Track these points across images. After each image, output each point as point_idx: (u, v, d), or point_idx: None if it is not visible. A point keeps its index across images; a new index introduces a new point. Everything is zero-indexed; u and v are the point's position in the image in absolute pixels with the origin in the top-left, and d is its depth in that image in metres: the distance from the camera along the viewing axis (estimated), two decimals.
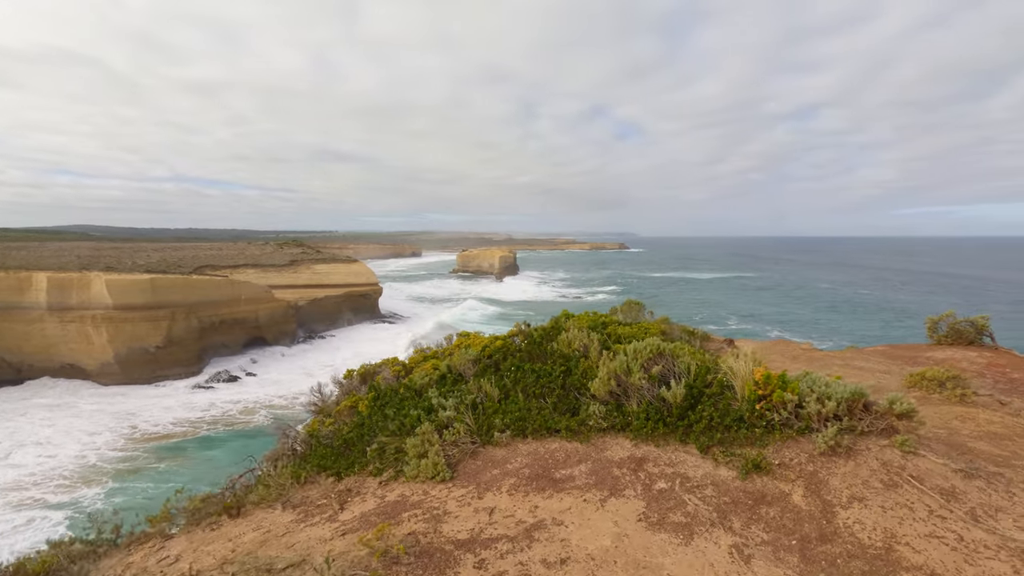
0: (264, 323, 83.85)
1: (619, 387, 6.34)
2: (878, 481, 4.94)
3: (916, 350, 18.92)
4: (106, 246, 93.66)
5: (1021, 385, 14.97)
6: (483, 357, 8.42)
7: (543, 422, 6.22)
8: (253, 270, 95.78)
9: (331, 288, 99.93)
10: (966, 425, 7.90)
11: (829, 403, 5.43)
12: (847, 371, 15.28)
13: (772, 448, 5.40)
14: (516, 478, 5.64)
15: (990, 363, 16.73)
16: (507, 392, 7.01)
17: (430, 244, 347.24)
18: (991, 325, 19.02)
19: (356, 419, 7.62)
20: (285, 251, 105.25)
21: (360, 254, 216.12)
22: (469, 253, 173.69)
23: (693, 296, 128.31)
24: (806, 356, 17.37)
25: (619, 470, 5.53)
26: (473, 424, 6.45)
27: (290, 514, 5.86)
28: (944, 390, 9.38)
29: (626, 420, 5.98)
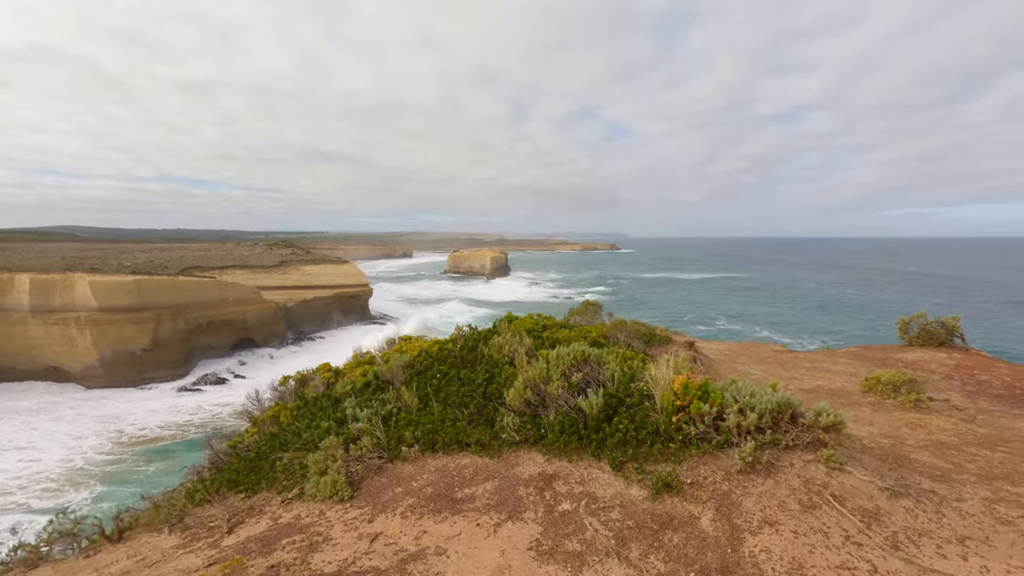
0: (252, 325, 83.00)
1: (537, 397, 5.88)
2: (796, 502, 4.50)
3: (887, 351, 18.57)
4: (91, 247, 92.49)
5: (989, 387, 14.62)
6: (416, 363, 7.94)
7: (455, 435, 5.75)
8: (242, 271, 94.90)
9: (321, 289, 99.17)
10: (915, 433, 7.49)
11: (751, 415, 4.97)
12: (813, 373, 14.88)
13: (687, 465, 4.95)
14: (416, 498, 5.17)
15: (959, 364, 16.39)
16: (427, 401, 6.55)
17: (421, 245, 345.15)
18: (962, 326, 18.70)
19: (276, 430, 7.13)
20: (274, 252, 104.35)
21: (350, 255, 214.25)
22: (460, 254, 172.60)
23: (683, 296, 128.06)
24: (775, 358, 16.99)
25: (525, 489, 5.07)
26: (383, 437, 5.98)
27: (176, 538, 5.37)
28: (898, 395, 8.98)
29: (540, 433, 5.52)
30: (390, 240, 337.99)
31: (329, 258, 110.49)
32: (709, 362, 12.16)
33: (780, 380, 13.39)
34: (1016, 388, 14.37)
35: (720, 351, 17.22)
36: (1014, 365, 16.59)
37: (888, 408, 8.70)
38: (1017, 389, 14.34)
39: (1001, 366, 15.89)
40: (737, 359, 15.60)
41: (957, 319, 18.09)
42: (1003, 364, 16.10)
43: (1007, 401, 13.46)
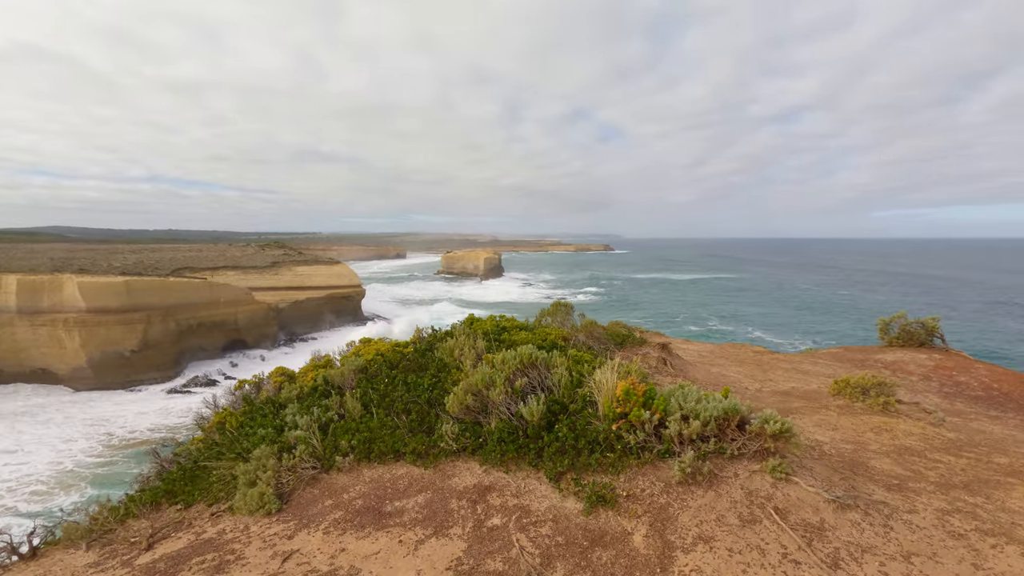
0: (244, 326, 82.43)
1: (479, 403, 5.59)
2: (735, 516, 4.22)
3: (867, 352, 18.37)
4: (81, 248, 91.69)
5: (966, 388, 14.43)
6: (369, 366, 7.64)
7: (392, 444, 5.45)
8: (233, 272, 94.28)
9: (313, 290, 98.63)
10: (879, 438, 7.24)
11: (694, 423, 4.70)
12: (790, 375, 14.65)
13: (626, 476, 4.66)
14: (344, 511, 4.87)
15: (938, 365, 16.20)
16: (370, 408, 6.24)
17: (415, 245, 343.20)
18: (945, 326, 18.52)
19: (220, 437, 6.81)
20: (267, 253, 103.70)
21: (344, 256, 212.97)
22: (454, 255, 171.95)
23: (676, 297, 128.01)
24: (754, 360, 16.76)
25: (458, 502, 4.78)
26: (319, 446, 5.68)
27: (93, 555, 5.04)
28: (867, 398, 8.72)
29: (479, 442, 5.23)
30: (384, 241, 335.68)
31: (321, 259, 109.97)
32: (682, 364, 11.88)
33: (755, 382, 13.13)
34: (993, 389, 14.18)
35: (699, 353, 16.98)
36: (992, 366, 16.41)
37: (856, 411, 8.44)
38: (994, 391, 14.16)
39: (980, 367, 15.71)
40: (715, 361, 15.34)
41: (937, 320, 17.91)
42: (982, 365, 15.92)
43: (983, 403, 13.27)
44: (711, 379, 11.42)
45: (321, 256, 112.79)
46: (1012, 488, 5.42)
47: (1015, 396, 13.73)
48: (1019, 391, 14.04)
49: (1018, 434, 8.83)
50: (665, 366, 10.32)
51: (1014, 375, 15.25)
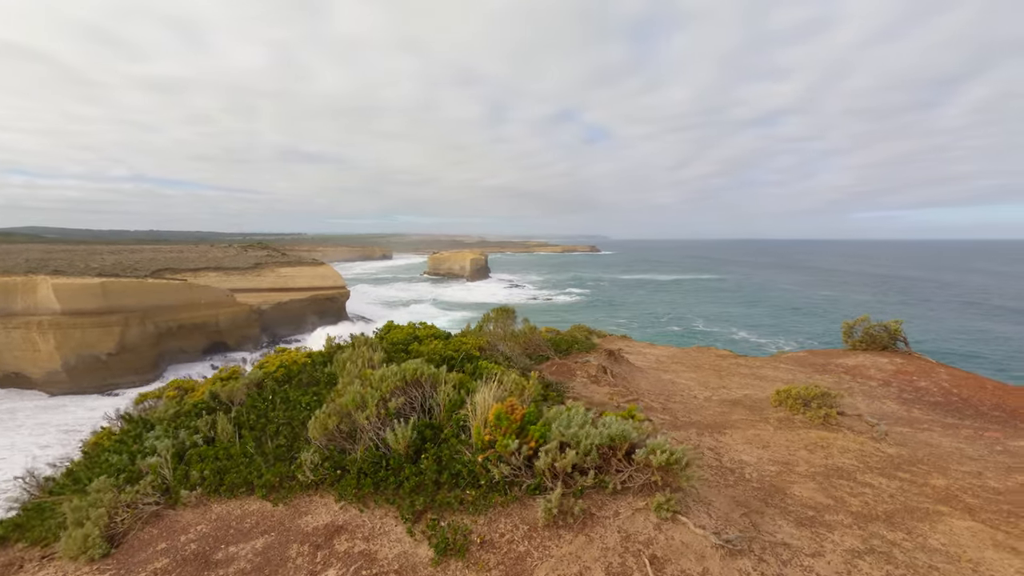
0: (225, 328, 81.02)
1: (349, 426, 4.89)
2: (603, 568, 3.55)
3: (830, 356, 17.86)
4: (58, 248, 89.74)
5: (926, 394, 13.93)
6: (266, 380, 6.92)
7: (246, 475, 4.75)
8: (215, 273, 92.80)
9: (296, 291, 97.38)
10: (812, 456, 6.63)
11: (570, 453, 4.03)
12: (747, 381, 14.07)
13: (488, 517, 3.98)
14: (172, 558, 4.16)
15: (899, 370, 15.71)
16: (243, 430, 5.53)
17: (401, 246, 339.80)
18: (914, 326, 18.11)
19: (76, 464, 6.07)
20: (249, 254, 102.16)
21: (328, 257, 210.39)
22: (440, 256, 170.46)
23: (661, 298, 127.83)
24: (714, 365, 16.19)
25: (300, 547, 4.08)
26: (170, 476, 4.96)
27: None
28: (808, 410, 8.12)
29: (337, 474, 4.53)
30: (370, 242, 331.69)
31: (305, 260, 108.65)
32: (627, 372, 11.23)
33: (706, 390, 12.52)
34: (953, 395, 13.69)
35: (658, 358, 16.38)
36: (953, 370, 15.96)
37: (795, 425, 7.84)
38: (954, 396, 13.67)
39: (941, 371, 15.24)
40: (671, 367, 14.74)
41: (900, 323, 17.47)
42: (943, 369, 15.46)
43: (941, 409, 12.77)
44: (657, 387, 10.80)
45: (305, 257, 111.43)
46: (939, 519, 4.81)
47: (973, 402, 13.26)
48: (978, 396, 13.57)
49: (967, 447, 8.27)
50: (605, 375, 9.66)
51: (974, 380, 14.80)
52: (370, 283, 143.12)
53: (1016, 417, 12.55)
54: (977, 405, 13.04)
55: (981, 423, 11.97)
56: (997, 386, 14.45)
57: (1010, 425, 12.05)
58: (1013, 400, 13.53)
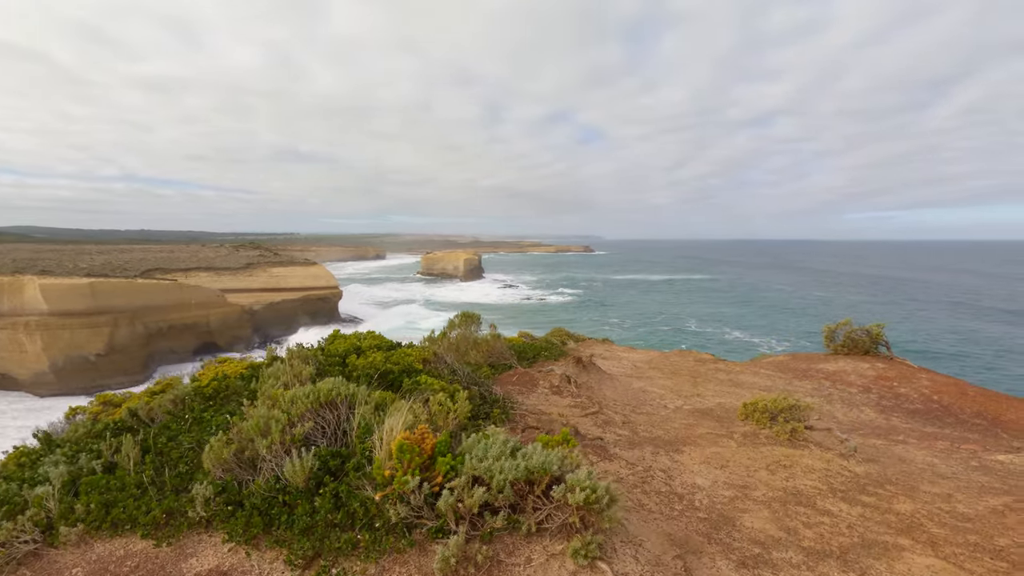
0: (216, 328, 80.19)
1: (251, 453, 4.40)
2: None
3: (812, 361, 17.46)
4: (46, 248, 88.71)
5: (906, 401, 13.52)
6: (193, 394, 6.42)
7: (131, 509, 4.26)
8: (206, 273, 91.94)
9: (288, 292, 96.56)
10: (773, 478, 6.18)
11: (478, 490, 3.56)
12: (722, 389, 13.62)
13: (382, 564, 3.49)
14: None
15: (880, 375, 15.31)
16: (149, 454, 5.04)
17: (395, 246, 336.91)
18: (904, 325, 17.70)
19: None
20: (241, 254, 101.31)
21: (322, 257, 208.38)
22: (433, 256, 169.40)
23: (654, 299, 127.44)
24: (691, 370, 15.73)
25: None
26: (55, 509, 4.46)
27: None
28: (775, 424, 7.66)
29: (230, 510, 4.04)
30: (364, 242, 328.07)
31: (297, 260, 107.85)
32: (596, 381, 10.76)
33: (678, 398, 12.06)
34: (933, 402, 13.30)
35: (635, 363, 15.92)
36: (935, 375, 15.57)
37: (760, 441, 7.39)
38: (934, 403, 13.28)
39: (922, 377, 14.85)
40: (646, 373, 14.27)
41: (881, 327, 17.07)
42: (924, 375, 15.07)
43: (921, 417, 12.37)
44: (625, 397, 10.33)
45: (297, 257, 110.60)
46: (898, 556, 4.36)
47: (954, 409, 12.87)
48: (958, 403, 13.19)
49: (941, 462, 7.85)
50: (569, 385, 9.19)
51: (955, 385, 14.42)
52: (363, 283, 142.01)
53: (997, 425, 12.17)
54: (958, 413, 12.66)
55: (960, 432, 11.57)
56: (979, 392, 14.07)
57: (990, 434, 11.66)
58: (994, 407, 13.15)
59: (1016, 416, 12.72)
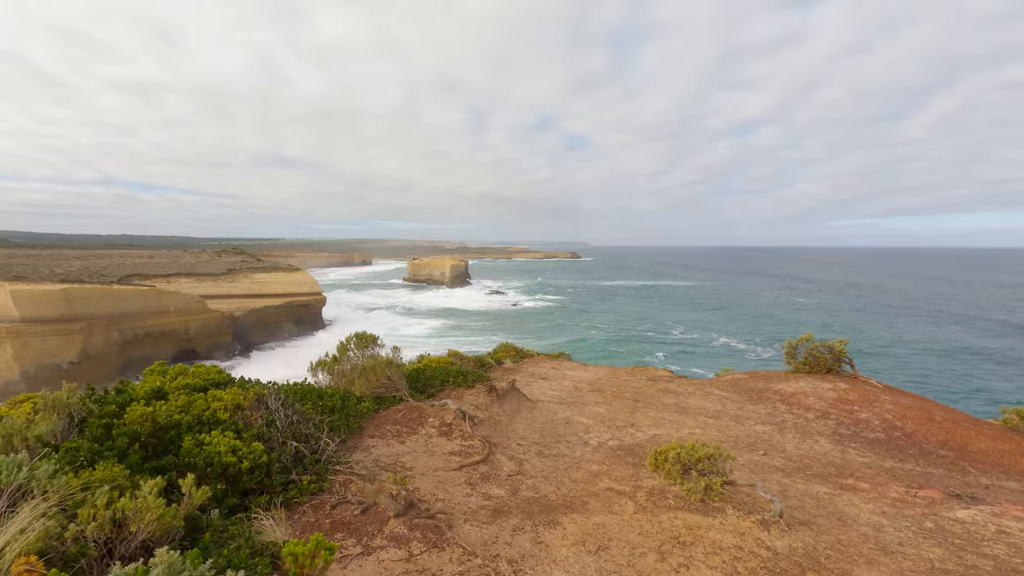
0: (195, 335, 78.03)
1: None
2: None
3: (770, 380, 16.02)
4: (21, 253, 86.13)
5: (866, 428, 12.07)
6: None
7: None
8: (187, 279, 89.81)
9: (271, 298, 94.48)
10: (663, 566, 4.70)
11: None
12: (664, 416, 12.14)
13: None
14: None
15: (840, 398, 13.88)
16: None
17: (382, 252, 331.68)
18: (850, 350, 16.25)
19: None
20: (223, 259, 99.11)
21: (307, 263, 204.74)
22: (420, 261, 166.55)
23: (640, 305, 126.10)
24: (635, 392, 14.20)
25: None
26: None
27: None
28: (687, 480, 6.19)
29: None
30: (350, 247, 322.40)
31: (281, 266, 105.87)
32: (510, 412, 9.24)
33: (608, 430, 10.52)
34: (895, 429, 11.90)
35: (576, 384, 14.39)
36: (899, 396, 14.19)
37: (666, 502, 5.92)
38: (896, 431, 11.87)
39: (885, 400, 13.45)
40: (583, 397, 12.72)
41: (844, 343, 15.70)
42: (888, 397, 13.66)
43: (881, 448, 10.95)
44: (538, 433, 8.78)
45: (280, 263, 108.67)
46: None
47: (918, 438, 11.47)
48: (923, 431, 11.79)
49: (889, 524, 6.39)
50: (464, 422, 7.67)
51: (921, 409, 13.04)
52: (348, 289, 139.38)
53: (963, 457, 10.78)
54: (922, 442, 11.26)
55: (923, 466, 10.17)
56: (946, 417, 12.70)
57: (956, 468, 10.26)
58: (961, 435, 11.77)
59: (984, 446, 11.35)
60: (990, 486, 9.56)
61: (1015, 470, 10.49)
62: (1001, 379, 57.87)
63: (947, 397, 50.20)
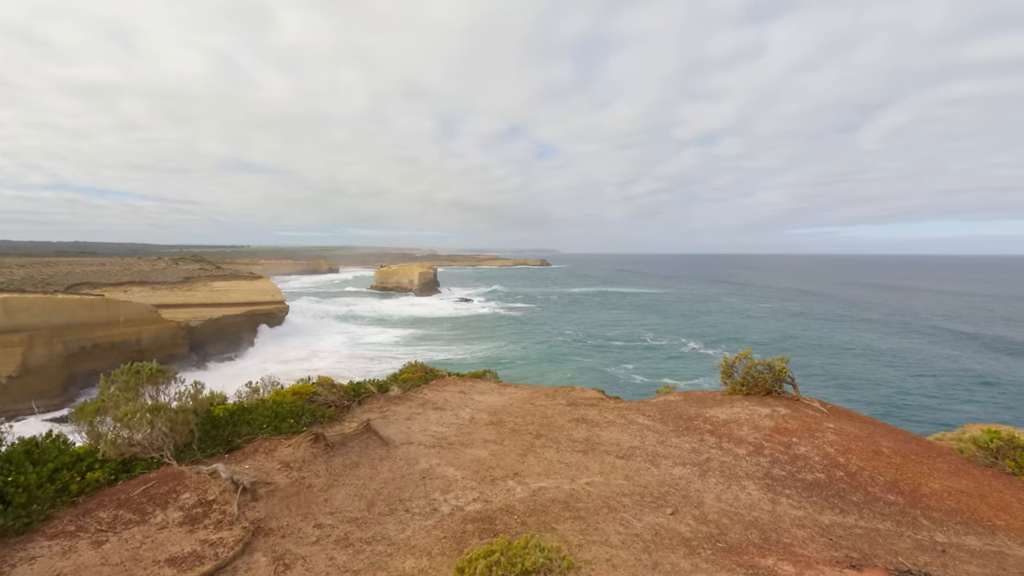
0: (148, 346, 73.17)
1: None
2: None
3: (703, 404, 13.85)
4: None
5: (805, 466, 9.89)
6: None
7: None
8: (140, 288, 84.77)
9: (231, 307, 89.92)
10: None
11: None
12: (564, 457, 9.83)
13: None
14: None
15: (778, 427, 11.74)
16: None
17: (350, 260, 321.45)
18: (790, 368, 14.25)
19: None
20: (180, 267, 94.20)
21: (271, 270, 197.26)
22: (387, 269, 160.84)
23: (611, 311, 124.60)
24: (544, 423, 11.78)
25: None
26: None
27: None
28: None
29: None
30: (317, 255, 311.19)
31: (241, 274, 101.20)
32: (337, 471, 6.83)
33: (476, 485, 8.06)
34: (838, 468, 9.80)
35: (473, 414, 11.99)
36: (844, 420, 12.17)
37: None
38: (839, 468, 9.78)
39: (828, 428, 11.40)
40: (473, 433, 10.32)
41: (785, 360, 13.72)
42: (831, 424, 11.63)
43: (820, 494, 8.82)
44: (364, 501, 6.36)
45: (241, 271, 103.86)
46: None
47: (863, 478, 9.39)
48: (870, 468, 9.73)
49: None
50: (234, 496, 5.24)
51: (868, 439, 11.03)
52: (313, 297, 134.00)
53: (916, 503, 8.73)
54: (868, 484, 9.19)
55: (868, 520, 8.07)
56: (895, 448, 10.71)
57: (906, 519, 8.18)
58: (913, 472, 9.77)
59: (939, 486, 9.35)
60: (947, 547, 7.51)
61: (975, 519, 8.47)
62: (928, 394, 57.71)
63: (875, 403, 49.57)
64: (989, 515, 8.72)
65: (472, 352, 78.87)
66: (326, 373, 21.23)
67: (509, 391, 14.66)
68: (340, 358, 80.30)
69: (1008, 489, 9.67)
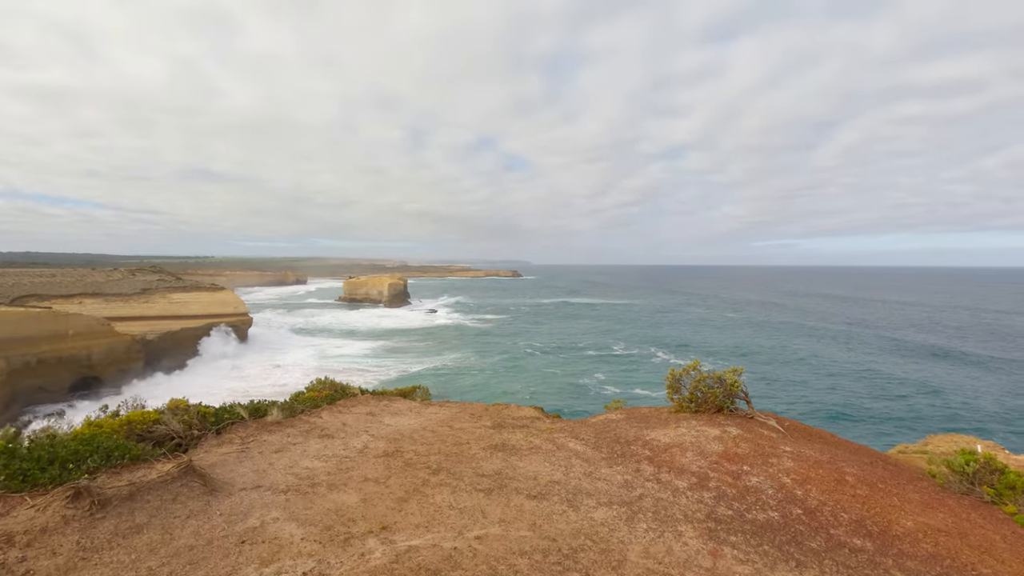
0: (99, 361, 68.51)
1: None
2: None
3: (646, 424, 11.91)
4: None
5: (757, 502, 7.68)
6: None
7: None
8: (93, 300, 79.92)
9: (190, 319, 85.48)
10: None
11: None
12: (465, 500, 7.59)
13: None
14: None
15: (728, 452, 9.78)
16: None
17: (319, 271, 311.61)
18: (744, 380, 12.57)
19: None
20: (137, 278, 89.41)
21: (235, 281, 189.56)
22: (356, 280, 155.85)
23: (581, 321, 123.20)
24: (452, 453, 9.46)
25: None
26: None
27: None
28: None
29: None
30: (285, 266, 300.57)
31: (203, 285, 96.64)
32: (81, 553, 4.76)
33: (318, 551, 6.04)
34: (795, 503, 7.96)
35: (376, 437, 9.93)
36: (802, 441, 10.44)
37: None
38: (796, 503, 7.93)
39: (784, 453, 9.64)
40: (352, 468, 8.19)
41: (738, 373, 12.02)
42: (788, 447, 9.88)
43: (772, 539, 6.92)
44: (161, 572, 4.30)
45: (203, 282, 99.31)
46: None
47: (824, 516, 7.57)
48: (832, 503, 7.92)
49: None
50: None
51: (828, 464, 9.28)
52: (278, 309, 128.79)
53: (888, 549, 6.92)
54: (830, 524, 7.37)
55: (831, 574, 6.29)
56: (860, 476, 8.95)
57: (877, 571, 6.39)
58: (881, 504, 8.01)
59: (912, 524, 7.60)
60: None
61: (957, 567, 6.70)
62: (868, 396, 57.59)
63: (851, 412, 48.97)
64: (972, 560, 6.95)
65: (443, 363, 76.48)
66: (292, 389, 18.32)
67: (430, 411, 12.58)
68: (306, 371, 76.49)
69: (989, 523, 8.01)
